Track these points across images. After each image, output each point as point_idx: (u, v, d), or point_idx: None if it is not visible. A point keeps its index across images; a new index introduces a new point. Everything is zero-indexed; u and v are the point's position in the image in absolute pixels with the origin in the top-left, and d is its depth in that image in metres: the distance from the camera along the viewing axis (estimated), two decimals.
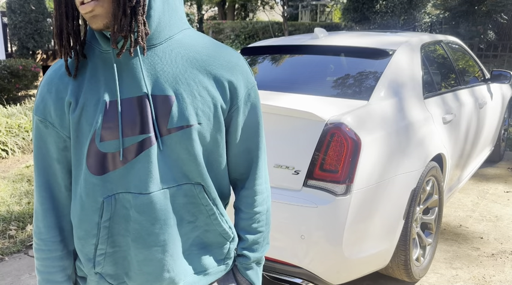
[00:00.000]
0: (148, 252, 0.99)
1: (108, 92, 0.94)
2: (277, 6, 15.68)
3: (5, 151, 5.09)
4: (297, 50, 3.07)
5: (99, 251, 1.01)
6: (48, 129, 0.98)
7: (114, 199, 0.97)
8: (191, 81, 0.96)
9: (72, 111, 0.95)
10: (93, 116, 0.94)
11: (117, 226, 0.99)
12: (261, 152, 1.10)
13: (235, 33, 22.23)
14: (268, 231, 1.16)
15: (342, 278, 2.18)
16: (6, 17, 9.92)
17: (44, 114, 0.98)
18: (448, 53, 3.59)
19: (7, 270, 2.87)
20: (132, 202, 0.96)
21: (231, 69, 1.00)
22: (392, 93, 2.53)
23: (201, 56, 0.99)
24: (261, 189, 1.11)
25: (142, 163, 0.95)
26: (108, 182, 0.96)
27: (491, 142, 4.35)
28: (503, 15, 10.35)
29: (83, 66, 0.97)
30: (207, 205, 1.02)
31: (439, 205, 2.83)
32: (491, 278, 2.74)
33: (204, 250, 1.07)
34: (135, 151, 0.94)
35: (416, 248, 2.63)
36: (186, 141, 0.96)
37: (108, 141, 0.94)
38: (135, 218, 0.97)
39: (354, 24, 11.58)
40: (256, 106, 1.06)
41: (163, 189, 0.97)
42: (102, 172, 0.96)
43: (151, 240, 0.98)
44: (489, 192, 4.18)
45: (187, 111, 0.95)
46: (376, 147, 2.19)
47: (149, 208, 0.96)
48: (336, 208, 2.05)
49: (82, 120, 0.95)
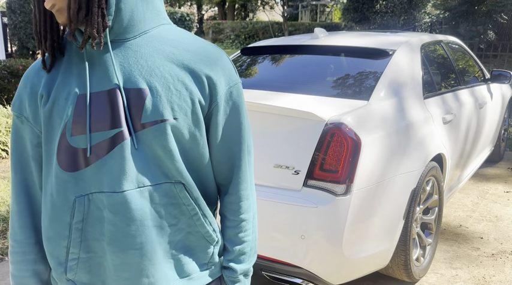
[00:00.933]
0: (124, 256, 0.93)
1: (79, 85, 0.92)
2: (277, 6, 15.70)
3: (5, 151, 5.09)
4: (297, 50, 3.07)
5: (72, 255, 0.95)
6: (24, 124, 0.98)
7: (88, 200, 0.92)
8: (167, 75, 0.92)
9: (44, 103, 0.94)
10: (64, 109, 0.91)
11: (91, 229, 0.93)
12: (244, 155, 1.03)
13: (235, 33, 22.23)
14: (255, 239, 1.09)
15: (342, 278, 2.18)
16: (6, 17, 9.92)
17: (20, 109, 0.97)
18: (448, 53, 3.59)
19: (7, 270, 2.87)
20: (105, 202, 0.91)
21: (211, 64, 0.96)
22: (392, 93, 2.53)
23: (178, 51, 0.95)
24: (246, 194, 1.05)
25: (115, 159, 0.90)
26: (81, 180, 0.92)
27: (491, 142, 4.35)
28: (503, 15, 10.35)
29: (59, 61, 0.97)
30: (188, 205, 0.97)
31: (439, 205, 2.83)
32: (491, 278, 2.74)
33: (187, 254, 1.02)
34: (106, 147, 0.90)
35: (416, 248, 2.63)
36: (161, 136, 0.91)
37: (79, 136, 0.90)
38: (109, 219, 0.91)
39: (354, 24, 11.58)
40: (239, 106, 1.00)
41: (140, 188, 0.92)
42: (74, 169, 0.91)
43: (128, 242, 0.93)
44: (489, 192, 4.18)
45: (161, 105, 0.91)
46: (376, 147, 2.19)
47: (123, 207, 0.91)
48: (336, 208, 2.05)
49: (53, 113, 0.93)
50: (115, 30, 0.92)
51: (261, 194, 2.16)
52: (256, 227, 1.11)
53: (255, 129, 2.27)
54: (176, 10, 12.04)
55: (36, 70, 0.98)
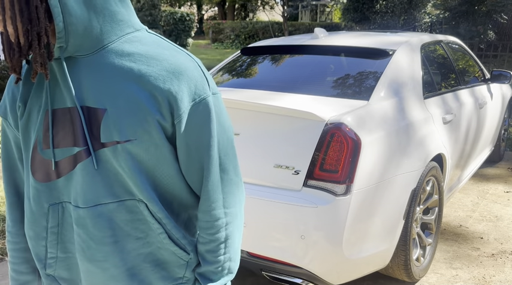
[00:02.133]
0: (89, 265, 0.96)
1: (44, 100, 0.93)
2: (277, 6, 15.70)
3: None
4: (297, 50, 3.07)
5: (50, 255, 1.01)
6: (9, 128, 1.00)
7: (62, 207, 0.97)
8: (124, 94, 0.89)
9: (21, 115, 0.96)
10: (35, 123, 0.94)
11: (66, 233, 0.98)
12: (214, 173, 0.96)
13: (235, 33, 22.23)
14: (231, 260, 1.02)
15: (342, 278, 2.18)
16: None
17: (5, 113, 1.00)
18: (448, 53, 3.59)
19: (7, 270, 2.87)
20: (73, 214, 0.94)
21: (173, 79, 0.90)
22: (392, 93, 2.53)
23: (138, 65, 0.90)
24: (217, 214, 0.98)
25: (78, 176, 0.92)
26: (54, 190, 0.96)
27: (491, 142, 4.35)
28: (503, 15, 10.35)
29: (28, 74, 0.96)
30: (153, 223, 0.95)
31: (439, 205, 2.83)
32: (491, 278, 2.74)
33: (160, 267, 0.99)
34: (71, 163, 0.92)
35: (416, 248, 2.63)
36: (119, 156, 0.89)
37: (48, 150, 0.93)
38: (75, 230, 0.96)
39: (354, 24, 11.59)
40: (208, 120, 0.93)
41: (101, 204, 0.92)
42: (47, 180, 0.95)
43: (90, 254, 0.95)
44: (489, 192, 4.18)
45: (117, 126, 0.88)
46: (376, 147, 2.19)
47: (84, 222, 0.93)
48: (336, 208, 2.05)
49: (28, 125, 0.96)
50: (69, 49, 0.88)
51: (261, 194, 2.16)
52: (234, 247, 1.02)
53: (255, 129, 2.27)
54: (176, 10, 12.04)
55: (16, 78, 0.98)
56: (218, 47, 22.14)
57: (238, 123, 2.32)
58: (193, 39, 19.21)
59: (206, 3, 30.78)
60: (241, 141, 2.29)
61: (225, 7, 29.46)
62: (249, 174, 2.25)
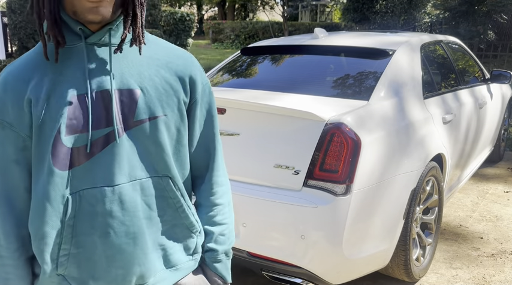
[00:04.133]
0: (118, 246, 0.99)
1: (73, 86, 0.95)
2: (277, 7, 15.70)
3: None
4: (297, 50, 3.07)
5: (63, 252, 0.99)
6: (5, 130, 0.96)
7: (79, 196, 0.97)
8: (154, 77, 1.01)
9: (35, 106, 0.94)
10: (58, 110, 0.94)
11: (81, 224, 0.98)
12: (218, 146, 1.15)
13: (235, 33, 22.23)
14: (233, 224, 1.18)
15: (342, 278, 2.18)
16: (7, 17, 9.93)
17: (1, 115, 0.96)
18: (448, 53, 3.59)
19: None
20: (100, 196, 0.96)
21: (189, 66, 1.07)
22: (392, 93, 2.54)
23: (158, 55, 1.04)
24: (221, 181, 1.16)
25: (109, 155, 0.96)
26: (74, 178, 0.96)
27: (491, 142, 4.36)
28: (503, 15, 10.35)
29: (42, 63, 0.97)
30: (174, 198, 1.05)
31: (439, 205, 2.84)
32: (491, 278, 2.74)
33: (173, 245, 1.08)
34: (101, 144, 0.96)
35: (416, 248, 2.63)
36: (154, 131, 1.00)
37: (73, 135, 0.94)
38: (103, 212, 0.97)
39: (354, 24, 11.59)
40: (211, 101, 1.12)
41: (132, 181, 0.99)
42: (67, 168, 0.95)
43: (121, 232, 0.99)
44: (489, 192, 4.19)
45: (153, 103, 1.00)
46: (376, 147, 2.19)
47: (118, 200, 0.98)
48: (336, 208, 2.05)
49: (45, 116, 0.94)
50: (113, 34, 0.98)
51: (261, 194, 2.17)
52: (233, 212, 1.20)
53: (255, 129, 2.27)
54: (176, 10, 12.04)
55: (17, 74, 0.97)
56: (218, 47, 22.14)
57: (238, 123, 2.32)
58: (193, 39, 19.22)
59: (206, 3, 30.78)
60: (241, 141, 2.29)
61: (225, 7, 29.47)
62: (249, 174, 2.25)
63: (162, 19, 11.64)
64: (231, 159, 2.31)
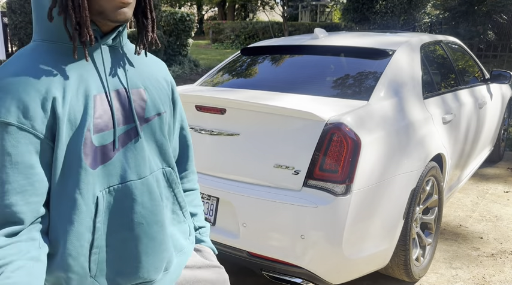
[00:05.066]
0: (151, 235, 1.05)
1: (93, 85, 0.97)
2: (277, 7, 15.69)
3: None
4: (297, 50, 3.07)
5: (94, 251, 0.98)
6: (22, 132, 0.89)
7: (108, 193, 0.99)
8: (151, 77, 1.11)
9: (60, 106, 0.92)
10: (85, 109, 0.95)
11: (110, 221, 1.00)
12: (190, 137, 1.30)
13: (235, 33, 22.22)
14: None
15: (342, 277, 2.18)
16: (7, 17, 9.92)
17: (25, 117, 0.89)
18: (447, 53, 3.60)
19: None
20: (130, 190, 1.01)
21: (165, 69, 1.20)
22: (392, 93, 2.54)
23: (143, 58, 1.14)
24: (194, 170, 1.32)
25: (132, 150, 1.02)
26: (102, 176, 0.98)
27: (491, 142, 4.36)
28: (503, 15, 10.35)
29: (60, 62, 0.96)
30: (176, 187, 1.15)
31: (438, 204, 2.84)
32: (491, 278, 2.74)
33: (177, 230, 1.17)
34: (123, 141, 1.01)
35: (416, 248, 2.63)
36: (160, 126, 1.09)
37: (100, 133, 0.97)
38: (135, 204, 1.02)
39: (354, 25, 11.59)
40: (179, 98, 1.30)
41: (152, 173, 1.06)
42: (96, 166, 0.97)
43: (152, 221, 1.05)
44: (489, 192, 4.19)
45: (156, 101, 1.10)
46: (376, 147, 2.19)
47: (147, 190, 1.04)
48: (336, 208, 2.05)
49: (72, 114, 0.93)
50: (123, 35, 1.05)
51: (261, 194, 2.17)
52: None
53: (255, 128, 2.28)
54: (176, 10, 12.04)
55: (35, 73, 0.92)
56: (218, 47, 22.13)
57: (238, 123, 2.32)
58: (193, 39, 19.20)
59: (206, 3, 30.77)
60: (241, 140, 2.29)
61: (225, 7, 29.46)
62: (249, 174, 2.25)
63: (162, 19, 11.64)
64: (230, 159, 2.31)
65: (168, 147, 1.11)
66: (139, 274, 1.04)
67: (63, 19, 0.94)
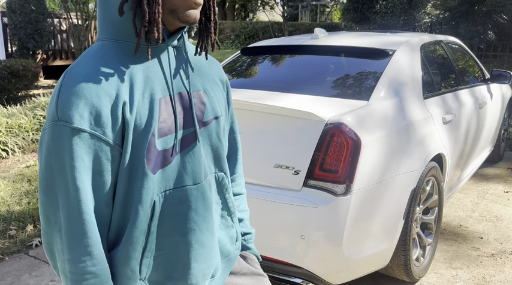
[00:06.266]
0: (202, 241, 1.03)
1: (159, 88, 0.95)
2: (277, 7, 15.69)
3: (5, 151, 5.09)
4: (297, 50, 3.07)
5: (146, 255, 0.98)
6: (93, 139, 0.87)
7: (163, 198, 0.97)
8: (210, 79, 1.09)
9: (129, 110, 0.90)
10: (150, 113, 0.92)
11: (163, 226, 0.98)
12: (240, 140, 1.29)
13: (235, 33, 22.22)
14: None
15: (342, 278, 2.18)
16: (7, 17, 9.92)
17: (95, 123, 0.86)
18: (448, 53, 3.59)
19: (7, 270, 2.87)
20: (185, 195, 0.99)
21: (221, 69, 1.17)
22: (392, 93, 2.54)
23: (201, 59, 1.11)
24: (242, 174, 1.29)
25: (192, 155, 1.00)
26: (161, 181, 0.96)
27: (491, 142, 4.36)
28: (503, 15, 10.36)
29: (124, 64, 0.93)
30: (226, 191, 1.12)
31: (439, 205, 2.84)
32: (491, 278, 2.74)
33: (225, 236, 1.14)
34: (182, 145, 0.98)
35: (416, 248, 2.63)
36: (217, 130, 1.07)
37: (164, 138, 0.94)
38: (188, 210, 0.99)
39: (354, 25, 11.59)
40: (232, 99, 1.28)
41: (206, 178, 1.04)
42: (156, 171, 0.94)
43: (204, 227, 1.03)
44: (489, 192, 4.19)
45: (214, 104, 1.07)
46: (376, 147, 2.19)
47: (201, 196, 1.02)
48: (336, 208, 2.05)
49: (139, 118, 0.91)
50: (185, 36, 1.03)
51: (261, 194, 2.17)
52: None
53: (255, 129, 2.27)
54: None
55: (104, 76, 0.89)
56: None
57: (239, 122, 2.32)
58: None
59: None
60: (241, 140, 2.29)
61: (225, 7, 29.46)
62: (249, 174, 2.25)
63: None
64: None
65: (222, 151, 1.08)
66: (188, 280, 1.02)
67: (132, 14, 0.91)
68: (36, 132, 5.55)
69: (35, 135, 5.50)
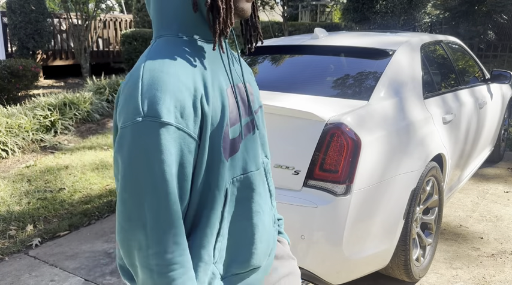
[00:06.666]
0: (264, 223, 1.08)
1: (223, 79, 1.00)
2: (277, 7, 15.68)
3: (5, 151, 5.09)
4: (297, 50, 3.07)
5: (218, 244, 1.00)
6: (179, 131, 0.88)
7: (232, 184, 1.01)
8: (248, 70, 1.17)
9: (206, 102, 0.92)
10: (222, 104, 0.96)
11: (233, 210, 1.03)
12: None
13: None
14: None
15: (342, 278, 2.18)
16: (6, 17, 9.92)
17: (181, 117, 0.88)
18: (448, 53, 3.59)
19: (7, 270, 2.87)
20: (250, 180, 1.04)
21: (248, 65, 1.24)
22: (392, 93, 2.53)
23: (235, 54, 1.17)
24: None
25: (251, 142, 1.06)
26: (231, 168, 1.00)
27: (491, 142, 4.35)
28: (503, 15, 10.36)
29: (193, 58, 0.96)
30: (269, 174, 1.17)
31: (439, 205, 2.83)
32: (491, 278, 2.74)
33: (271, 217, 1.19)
34: (244, 133, 1.03)
35: (416, 248, 2.63)
36: (263, 117, 1.15)
37: (233, 126, 0.99)
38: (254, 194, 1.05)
39: (354, 24, 11.58)
40: None
41: (262, 164, 1.11)
42: (227, 158, 0.99)
43: (266, 210, 1.09)
44: (489, 192, 4.18)
45: (257, 94, 1.15)
46: (376, 147, 2.19)
47: (261, 180, 1.08)
48: (336, 208, 2.05)
49: (215, 109, 0.94)
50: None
51: None
52: None
53: None
54: None
55: (182, 70, 0.91)
56: None
57: None
58: None
59: None
60: None
61: None
62: None
63: None
64: None
65: (266, 138, 1.17)
66: (252, 261, 1.06)
67: (207, 10, 0.95)
68: (35, 132, 5.55)
69: (35, 135, 5.50)
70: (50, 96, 6.53)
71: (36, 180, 4.41)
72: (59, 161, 4.99)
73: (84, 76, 10.33)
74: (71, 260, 2.97)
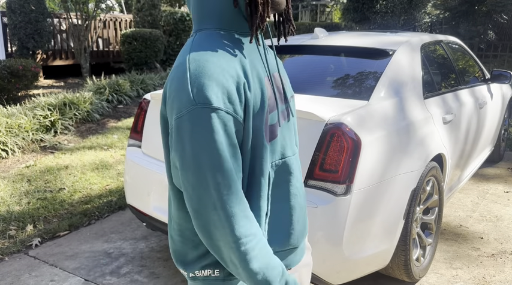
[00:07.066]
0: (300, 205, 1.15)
1: (261, 69, 1.05)
2: None
3: (5, 151, 5.09)
4: (297, 50, 3.06)
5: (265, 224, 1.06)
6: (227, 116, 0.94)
7: (273, 168, 1.07)
8: (279, 61, 1.19)
9: (248, 89, 0.98)
10: (262, 91, 1.02)
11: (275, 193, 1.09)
12: None
13: None
14: None
15: (342, 278, 2.18)
16: (6, 17, 9.92)
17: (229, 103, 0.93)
18: (448, 53, 3.59)
19: (7, 270, 2.87)
20: (288, 165, 1.10)
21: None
22: (392, 93, 2.53)
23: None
24: None
25: (287, 128, 1.11)
26: (270, 153, 1.05)
27: (491, 142, 4.35)
28: (503, 15, 10.35)
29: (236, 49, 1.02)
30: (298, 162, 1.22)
31: (439, 205, 2.83)
32: (491, 278, 2.74)
33: None
34: (282, 119, 1.09)
35: (416, 248, 2.63)
36: (294, 106, 1.19)
37: (271, 113, 1.05)
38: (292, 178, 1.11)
39: (354, 24, 11.59)
40: None
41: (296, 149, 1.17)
42: (269, 141, 1.05)
43: (301, 193, 1.15)
44: (489, 192, 4.18)
45: (288, 83, 1.19)
46: (376, 147, 2.19)
47: (297, 164, 1.14)
48: (336, 208, 2.05)
49: (256, 96, 1.01)
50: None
51: None
52: None
53: None
54: (176, 10, 12.03)
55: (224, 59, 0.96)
56: None
57: None
58: None
59: None
60: None
61: None
62: None
63: (162, 19, 11.64)
64: None
65: (296, 126, 1.21)
66: (290, 241, 1.12)
67: (246, 5, 1.00)
68: (35, 132, 5.55)
69: (35, 135, 5.50)
70: (50, 96, 6.52)
71: (36, 180, 4.41)
72: (58, 161, 4.99)
73: (84, 76, 10.33)
74: (71, 260, 2.97)
